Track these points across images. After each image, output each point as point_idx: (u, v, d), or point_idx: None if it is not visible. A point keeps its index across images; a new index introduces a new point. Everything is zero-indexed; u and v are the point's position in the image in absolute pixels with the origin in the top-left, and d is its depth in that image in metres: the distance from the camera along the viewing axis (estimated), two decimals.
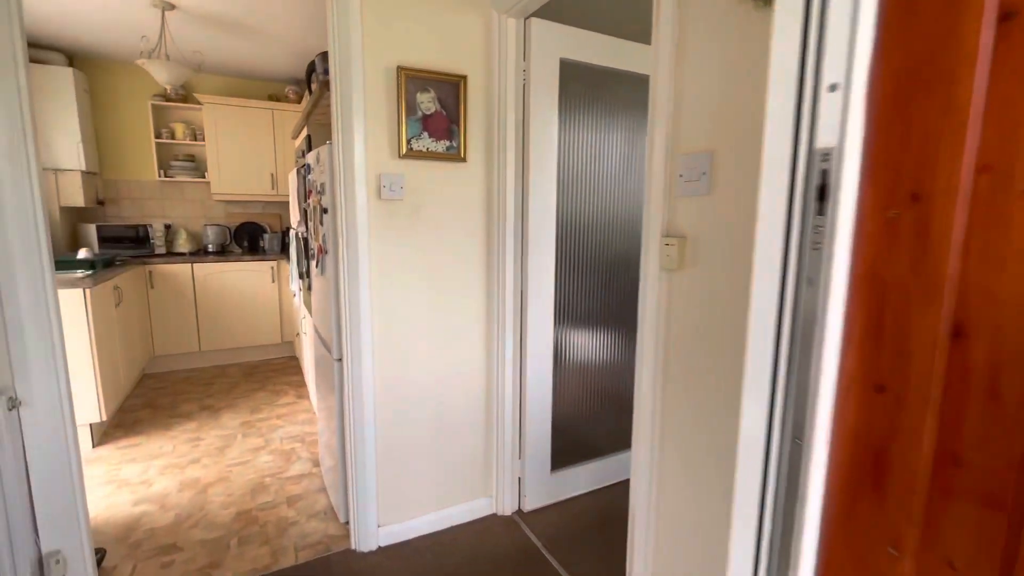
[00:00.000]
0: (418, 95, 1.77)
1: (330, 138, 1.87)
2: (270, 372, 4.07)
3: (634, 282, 2.14)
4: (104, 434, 2.92)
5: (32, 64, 3.47)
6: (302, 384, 3.78)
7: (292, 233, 2.92)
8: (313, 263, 2.33)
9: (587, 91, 2.06)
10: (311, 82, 2.36)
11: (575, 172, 2.10)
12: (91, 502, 2.24)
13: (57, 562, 1.46)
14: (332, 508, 2.21)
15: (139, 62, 2.82)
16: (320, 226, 2.06)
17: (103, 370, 2.77)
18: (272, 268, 4.25)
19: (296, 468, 2.56)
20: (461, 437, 2.09)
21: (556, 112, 1.98)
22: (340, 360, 1.94)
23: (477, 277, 2.03)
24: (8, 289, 1.35)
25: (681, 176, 1.17)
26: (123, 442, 2.84)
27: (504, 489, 2.17)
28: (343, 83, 1.69)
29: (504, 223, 1.98)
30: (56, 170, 3.64)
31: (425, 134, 1.81)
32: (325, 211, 1.93)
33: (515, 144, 1.95)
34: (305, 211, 2.49)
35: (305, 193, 2.40)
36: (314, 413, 3.23)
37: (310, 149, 2.22)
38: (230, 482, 2.42)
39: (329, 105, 2.09)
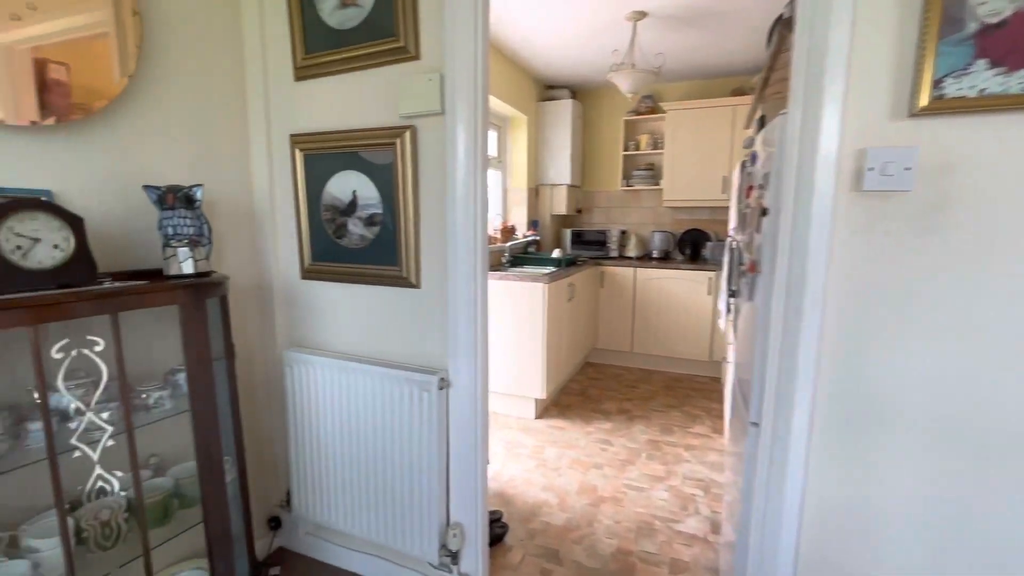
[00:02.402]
0: None
1: (786, 108, 1.27)
2: (691, 391, 3.77)
3: None
4: (544, 408, 3.37)
5: (544, 103, 4.38)
6: (720, 416, 3.28)
7: (727, 242, 2.45)
8: (743, 282, 1.79)
9: None
10: (771, 38, 1.81)
11: None
12: (515, 471, 2.54)
13: (455, 535, 1.58)
14: None
15: (608, 76, 3.00)
16: (757, 233, 1.51)
17: (549, 354, 3.16)
18: (709, 279, 3.91)
19: (691, 524, 2.12)
20: None
21: None
22: (756, 425, 1.35)
23: None
24: (452, 289, 1.50)
25: None
26: (554, 422, 3.18)
27: None
28: (814, 9, 1.07)
29: None
30: (552, 185, 4.50)
31: (980, 63, 0.95)
32: (765, 212, 1.36)
33: None
34: (743, 214, 1.97)
35: (745, 191, 1.87)
36: (724, 458, 2.69)
37: (761, 131, 1.70)
38: (621, 506, 2.24)
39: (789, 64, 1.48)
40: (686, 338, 4.06)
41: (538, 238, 4.31)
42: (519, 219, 4.35)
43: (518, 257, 3.88)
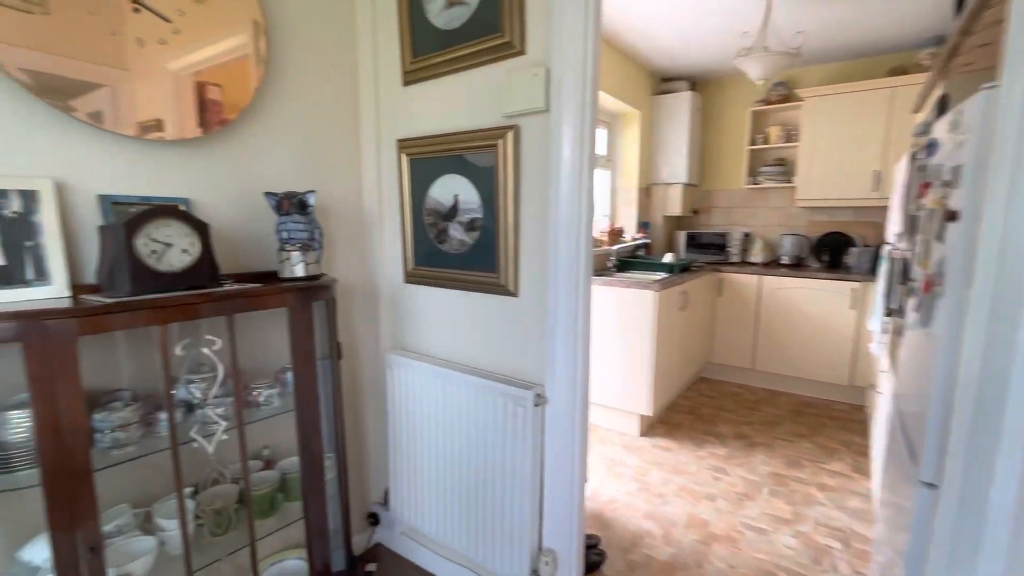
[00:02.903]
0: None
1: (994, 79, 0.97)
2: (826, 419, 3.27)
3: None
4: (649, 426, 3.13)
5: (660, 96, 4.09)
6: (864, 453, 2.78)
7: (886, 250, 2.04)
8: (911, 300, 1.45)
9: None
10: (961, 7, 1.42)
11: None
12: (615, 492, 2.36)
13: (547, 563, 1.48)
14: None
15: (735, 61, 2.69)
16: (937, 242, 1.20)
17: (658, 368, 2.93)
18: (853, 291, 3.36)
19: None
20: None
21: None
22: (932, 487, 1.07)
23: None
24: (552, 299, 1.40)
25: None
26: (660, 441, 2.93)
27: None
28: None
29: None
30: (666, 184, 4.20)
31: None
32: (952, 217, 1.07)
33: None
34: (913, 218, 1.60)
35: (917, 189, 1.52)
36: (872, 506, 2.26)
37: (942, 115, 1.34)
38: (737, 549, 1.97)
39: (1005, 19, 1.15)
40: (821, 357, 3.54)
41: (648, 241, 4.04)
42: (628, 221, 4.12)
43: (626, 261, 3.67)
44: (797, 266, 3.87)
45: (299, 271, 1.40)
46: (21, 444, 0.96)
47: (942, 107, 1.57)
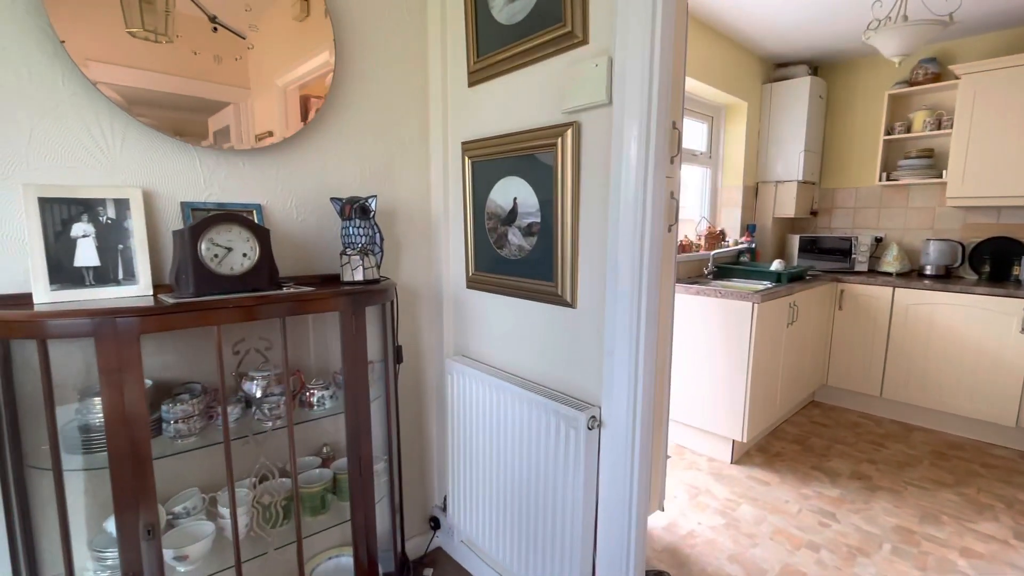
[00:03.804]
0: None
1: None
2: (979, 466, 2.68)
3: None
4: (745, 453, 2.80)
5: (773, 84, 3.66)
6: None
7: None
8: None
9: None
10: None
11: None
12: (695, 525, 2.13)
13: None
14: None
15: (865, 37, 2.28)
16: None
17: (754, 390, 2.60)
18: None
19: None
20: None
21: None
22: None
23: None
24: (610, 313, 1.27)
25: None
26: (757, 471, 2.60)
27: None
28: None
29: None
30: (778, 182, 3.75)
31: None
32: None
33: None
34: None
35: None
36: None
37: None
38: None
39: None
40: (977, 390, 2.90)
41: (753, 245, 3.64)
42: (731, 223, 3.75)
43: (725, 267, 3.32)
44: (945, 277, 3.23)
45: (358, 275, 1.42)
46: (101, 428, 1.07)
47: None
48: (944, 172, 3.21)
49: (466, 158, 1.64)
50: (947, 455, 2.80)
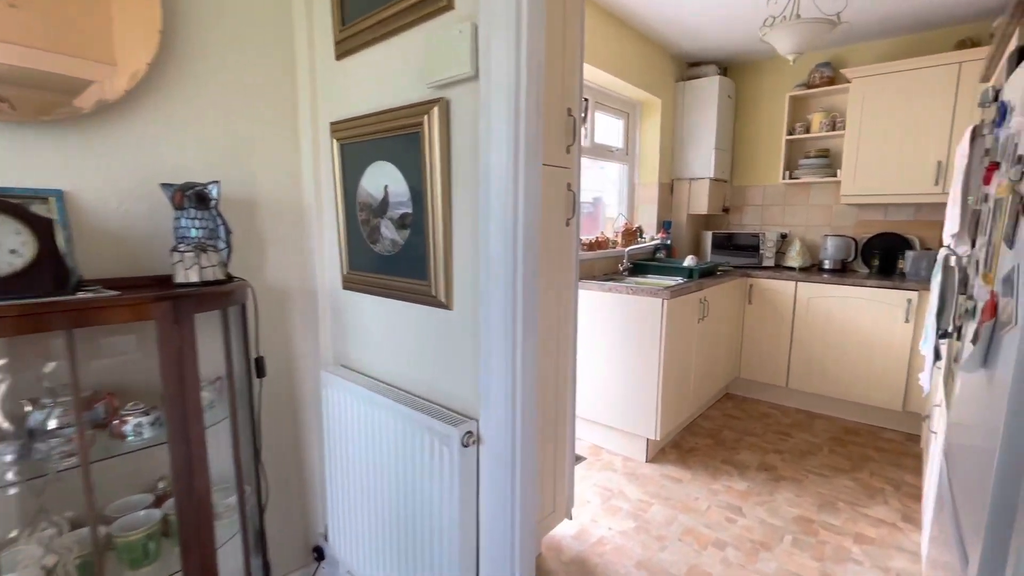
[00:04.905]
0: None
1: None
2: (872, 450, 2.81)
3: None
4: (660, 451, 2.78)
5: (685, 82, 3.71)
6: (917, 497, 2.33)
7: (940, 255, 1.63)
8: (968, 326, 1.08)
9: None
10: None
11: None
12: (606, 532, 2.04)
13: None
14: None
15: (762, 35, 2.30)
16: (1006, 247, 0.84)
17: (667, 386, 2.58)
18: (910, 302, 2.87)
19: None
20: None
21: None
22: None
23: None
24: (484, 315, 1.12)
25: None
26: (670, 469, 2.58)
27: None
28: None
29: None
30: (691, 179, 3.80)
31: None
32: None
33: None
34: (975, 213, 1.22)
35: (981, 173, 1.14)
36: (921, 569, 1.83)
37: (1017, 69, 0.97)
38: None
39: None
40: (869, 378, 3.06)
41: (669, 242, 3.67)
42: (648, 219, 3.76)
43: (640, 264, 3.32)
44: (841, 271, 3.40)
45: (193, 275, 1.19)
46: None
47: (1018, 59, 1.17)
48: (839, 171, 3.37)
49: (335, 141, 1.44)
50: (844, 441, 2.92)
